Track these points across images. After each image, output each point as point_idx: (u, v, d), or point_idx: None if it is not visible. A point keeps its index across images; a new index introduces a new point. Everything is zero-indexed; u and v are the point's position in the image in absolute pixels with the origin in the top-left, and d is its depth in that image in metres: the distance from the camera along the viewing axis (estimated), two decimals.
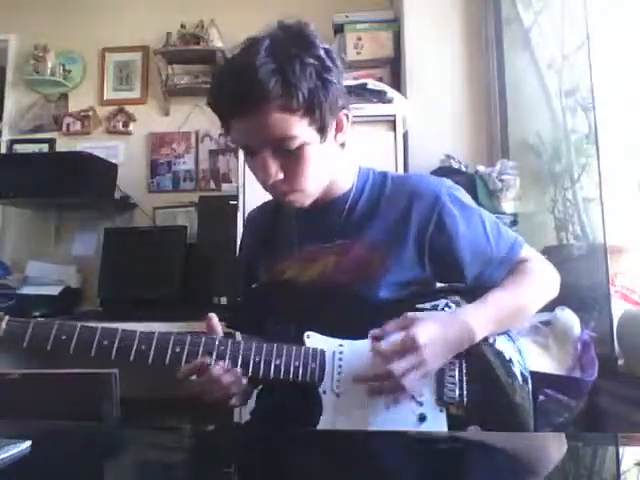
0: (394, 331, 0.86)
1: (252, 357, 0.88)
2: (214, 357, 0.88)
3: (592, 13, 1.72)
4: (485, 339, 0.93)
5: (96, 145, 3.06)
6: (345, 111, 0.95)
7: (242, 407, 1.08)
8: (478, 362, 0.92)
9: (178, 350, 0.87)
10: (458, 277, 1.00)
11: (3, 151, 3.14)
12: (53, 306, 2.53)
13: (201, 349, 0.88)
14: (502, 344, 0.95)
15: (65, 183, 2.59)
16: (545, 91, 2.12)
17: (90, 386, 1.31)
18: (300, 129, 0.86)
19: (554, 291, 1.04)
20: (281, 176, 0.90)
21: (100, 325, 0.88)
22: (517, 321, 0.99)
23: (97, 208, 3.01)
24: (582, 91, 1.82)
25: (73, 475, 0.69)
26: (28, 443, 0.70)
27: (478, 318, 0.90)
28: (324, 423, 0.87)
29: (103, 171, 2.85)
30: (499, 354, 0.94)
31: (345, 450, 0.78)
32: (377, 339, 0.87)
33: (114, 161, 2.97)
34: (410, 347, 0.83)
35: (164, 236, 2.79)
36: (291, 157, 0.89)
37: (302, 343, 0.92)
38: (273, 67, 0.82)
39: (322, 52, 0.87)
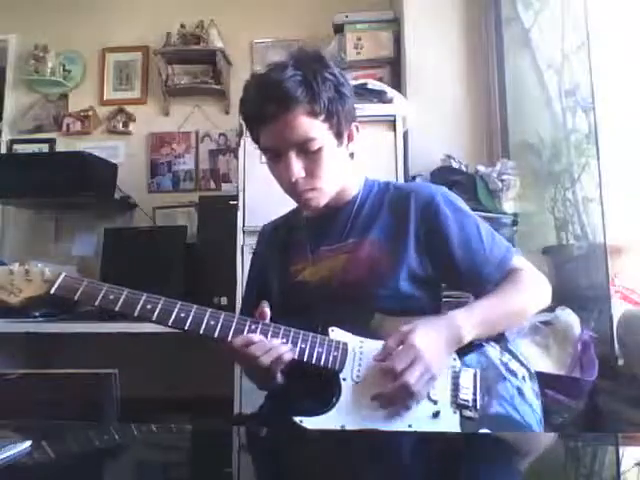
0: (395, 347, 0.91)
1: (280, 338, 0.94)
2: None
3: (592, 13, 1.73)
4: (489, 349, 0.98)
5: (96, 145, 3.06)
6: (356, 123, 1.08)
7: (242, 408, 1.08)
8: (491, 373, 0.97)
9: (213, 323, 0.94)
10: (453, 276, 1.06)
11: (3, 151, 3.14)
12: (53, 305, 2.53)
13: (234, 325, 0.94)
14: (512, 362, 1.00)
15: (65, 183, 2.59)
16: (545, 91, 2.12)
17: (90, 386, 1.31)
18: (320, 132, 1.00)
19: (545, 300, 1.08)
20: (303, 174, 1.01)
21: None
22: (507, 326, 1.04)
23: (97, 208, 3.01)
24: (582, 91, 1.83)
25: (73, 475, 0.69)
26: (28, 443, 0.71)
27: (466, 320, 0.96)
28: (341, 408, 0.91)
29: (103, 171, 2.85)
30: (512, 371, 0.99)
31: (345, 450, 0.78)
32: (382, 360, 0.92)
33: (114, 161, 2.97)
34: (413, 356, 0.89)
35: (164, 236, 2.78)
36: (311, 159, 1.01)
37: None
38: (299, 79, 0.97)
39: (337, 71, 1.03)
